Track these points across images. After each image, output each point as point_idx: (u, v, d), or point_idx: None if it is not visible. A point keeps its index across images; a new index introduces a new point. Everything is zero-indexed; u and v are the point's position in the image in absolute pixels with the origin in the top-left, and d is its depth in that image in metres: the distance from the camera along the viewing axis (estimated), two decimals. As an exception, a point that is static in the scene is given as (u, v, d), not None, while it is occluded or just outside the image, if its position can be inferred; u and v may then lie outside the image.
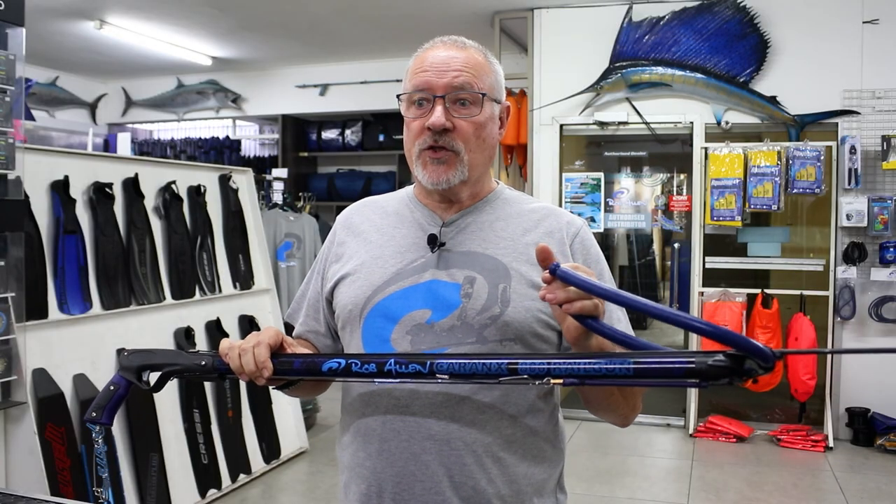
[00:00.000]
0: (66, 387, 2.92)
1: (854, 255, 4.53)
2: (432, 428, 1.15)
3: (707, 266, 4.84)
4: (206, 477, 3.53)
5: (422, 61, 1.21)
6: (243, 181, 4.31)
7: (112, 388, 1.17)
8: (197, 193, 3.84)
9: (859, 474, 4.06)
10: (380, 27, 5.72)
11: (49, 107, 7.13)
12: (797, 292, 4.67)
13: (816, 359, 4.51)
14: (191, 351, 1.20)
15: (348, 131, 7.27)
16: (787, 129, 4.77)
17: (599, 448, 4.49)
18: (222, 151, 7.57)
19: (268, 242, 4.64)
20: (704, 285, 4.85)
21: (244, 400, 3.88)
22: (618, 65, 4.93)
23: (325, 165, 7.67)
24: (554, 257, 0.99)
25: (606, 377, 0.97)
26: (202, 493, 3.51)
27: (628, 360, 0.95)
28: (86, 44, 6.18)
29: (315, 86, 7.04)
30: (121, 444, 3.11)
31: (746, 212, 4.65)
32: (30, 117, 5.93)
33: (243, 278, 4.12)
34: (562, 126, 5.15)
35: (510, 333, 1.16)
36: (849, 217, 4.47)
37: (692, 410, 4.78)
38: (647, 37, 4.89)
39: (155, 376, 1.18)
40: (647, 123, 4.98)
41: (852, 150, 4.47)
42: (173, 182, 3.66)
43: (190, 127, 8.06)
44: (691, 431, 4.72)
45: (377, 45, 6.28)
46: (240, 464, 3.77)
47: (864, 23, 4.55)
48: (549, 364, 0.99)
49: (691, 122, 4.91)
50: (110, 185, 3.28)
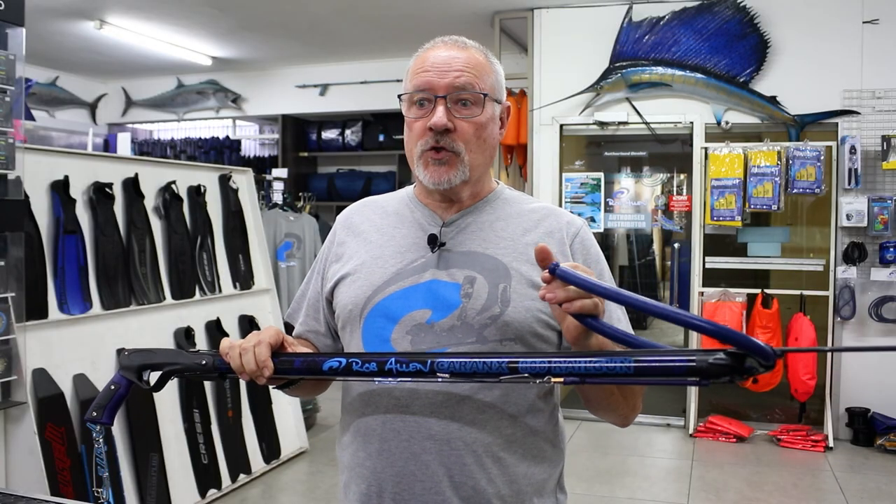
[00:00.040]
0: (66, 387, 2.92)
1: (854, 255, 4.53)
2: (432, 428, 1.15)
3: (707, 266, 4.84)
4: (206, 477, 3.53)
5: (423, 61, 1.21)
6: (243, 181, 4.31)
7: (113, 387, 1.17)
8: (197, 193, 3.84)
9: (859, 474, 4.06)
10: (380, 27, 5.72)
11: (49, 107, 7.13)
12: (797, 292, 4.67)
13: (816, 359, 4.51)
14: (191, 350, 1.20)
15: (348, 131, 7.27)
16: (787, 129, 4.77)
17: (599, 448, 4.49)
18: (222, 151, 7.56)
19: (268, 242, 4.64)
20: (704, 285, 4.85)
21: (244, 400, 3.88)
22: (618, 65, 4.93)
23: (325, 165, 7.67)
24: (553, 257, 0.99)
25: (607, 376, 0.97)
26: (202, 493, 3.51)
27: (629, 359, 0.95)
28: (86, 44, 6.18)
29: (315, 86, 7.04)
30: (121, 444, 3.11)
31: (746, 212, 4.65)
32: (30, 117, 5.93)
33: (243, 278, 4.12)
34: (562, 126, 5.15)
35: (510, 333, 1.16)
36: (849, 217, 4.47)
37: (692, 410, 4.77)
38: (647, 37, 4.89)
39: (155, 376, 1.18)
40: (647, 123, 4.98)
41: (852, 150, 4.47)
42: (173, 182, 3.66)
43: (190, 127, 8.06)
44: (691, 431, 4.72)
45: (377, 45, 6.28)
46: (240, 464, 3.77)
47: (864, 23, 4.55)
48: (549, 363, 0.99)
49: (691, 122, 4.91)
50: (110, 185, 3.28)
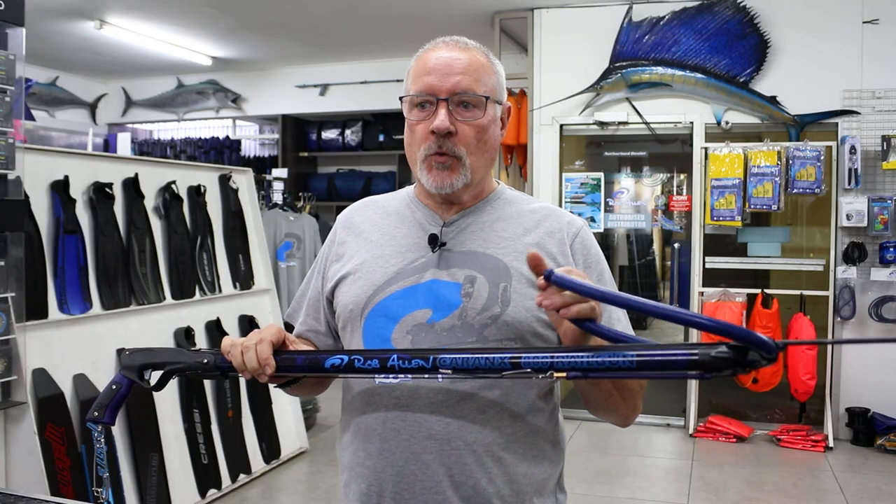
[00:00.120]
0: (66, 387, 2.92)
1: (854, 255, 4.53)
2: (433, 427, 1.15)
3: (707, 266, 4.85)
4: (206, 477, 3.53)
5: (424, 63, 1.21)
6: (243, 181, 4.31)
7: (114, 387, 1.17)
8: (197, 193, 3.84)
9: (859, 474, 4.06)
10: (380, 27, 5.72)
11: (49, 107, 7.13)
12: (797, 292, 4.67)
13: (816, 359, 4.51)
14: (192, 349, 1.20)
15: (348, 131, 7.27)
16: (787, 129, 4.77)
17: (599, 448, 4.49)
18: (222, 151, 7.56)
19: (268, 242, 4.64)
20: (704, 285, 4.85)
21: (244, 400, 3.88)
22: (618, 65, 4.93)
23: (325, 165, 7.67)
24: (545, 263, 1.00)
25: (609, 370, 0.97)
26: (202, 493, 3.51)
27: (631, 353, 0.96)
28: (86, 44, 6.18)
29: (315, 86, 7.04)
30: (121, 444, 3.11)
31: (746, 212, 4.65)
32: (30, 117, 5.93)
33: (243, 278, 4.12)
34: (562, 126, 5.15)
35: (510, 333, 1.16)
36: (849, 217, 4.47)
37: (692, 410, 4.78)
38: (647, 37, 4.89)
39: (157, 375, 1.18)
40: (647, 123, 4.98)
41: (852, 150, 4.47)
42: (173, 182, 3.66)
43: (190, 127, 8.06)
44: (691, 431, 4.72)
45: (377, 45, 6.28)
46: (240, 464, 3.77)
47: (864, 23, 4.55)
48: (552, 357, 0.99)
49: (691, 122, 4.91)
50: (110, 185, 3.28)
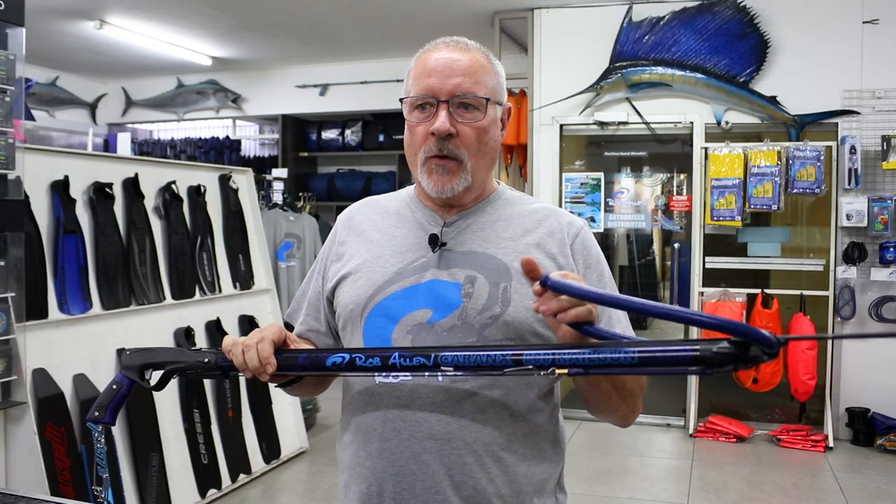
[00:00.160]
0: (66, 387, 2.92)
1: (854, 255, 4.53)
2: (433, 427, 1.15)
3: (707, 266, 4.84)
4: (206, 477, 3.53)
5: (424, 64, 1.21)
6: (243, 181, 4.31)
7: (115, 387, 1.17)
8: (197, 193, 3.84)
9: (859, 474, 4.06)
10: (380, 27, 5.72)
11: (49, 107, 7.13)
12: (797, 292, 4.67)
13: (816, 359, 4.51)
14: (193, 349, 1.20)
15: (348, 131, 7.27)
16: (787, 129, 4.77)
17: (599, 448, 4.49)
18: (222, 151, 7.56)
19: (268, 242, 4.64)
20: (704, 285, 4.85)
21: (244, 400, 3.88)
22: (618, 65, 4.93)
23: (325, 165, 7.67)
24: (540, 269, 1.00)
25: (611, 366, 0.97)
26: (202, 493, 3.51)
27: (633, 349, 0.96)
28: (86, 44, 6.18)
29: (315, 86, 7.04)
30: (121, 444, 3.11)
31: (746, 212, 4.65)
32: (30, 117, 5.93)
33: (243, 278, 4.12)
34: (562, 126, 5.15)
35: (511, 333, 1.16)
36: (849, 217, 4.47)
37: (692, 410, 4.78)
38: (647, 37, 4.89)
39: (157, 375, 1.19)
40: (647, 123, 4.98)
41: (852, 150, 4.47)
42: (173, 182, 3.66)
43: (190, 127, 8.06)
44: (691, 431, 4.72)
45: (377, 45, 6.28)
46: (240, 464, 3.77)
47: (864, 23, 4.55)
48: (553, 354, 0.99)
49: (691, 122, 4.91)
50: (110, 185, 3.28)
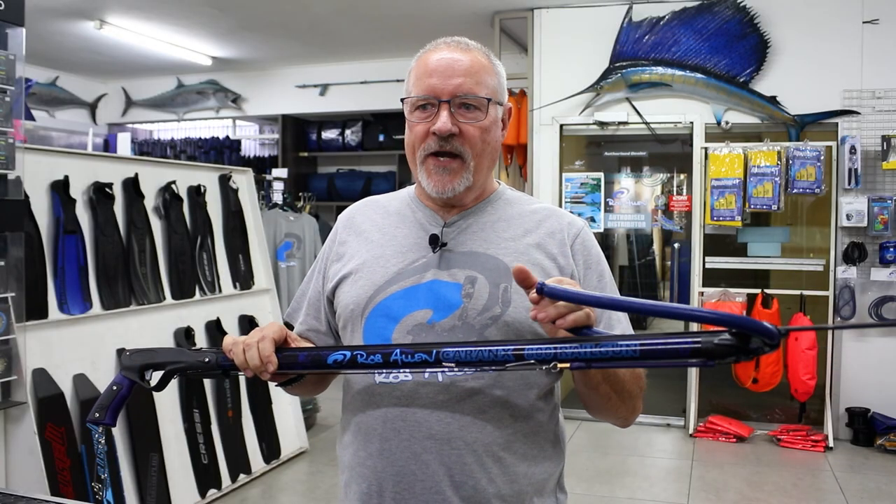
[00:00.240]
0: (66, 387, 2.92)
1: (854, 255, 4.53)
2: (433, 427, 1.15)
3: (707, 266, 4.84)
4: (206, 477, 3.53)
5: (425, 64, 1.21)
6: (243, 181, 4.31)
7: (115, 388, 1.17)
8: (197, 193, 3.84)
9: (859, 474, 4.06)
10: (380, 27, 5.72)
11: (49, 107, 7.13)
12: (797, 292, 4.67)
13: (816, 359, 4.51)
14: (193, 349, 1.20)
15: (348, 131, 7.27)
16: (787, 129, 4.77)
17: (599, 448, 4.49)
18: (222, 151, 7.56)
19: (268, 242, 4.63)
20: (704, 285, 4.85)
21: (244, 400, 3.88)
22: (618, 65, 4.93)
23: (325, 165, 7.67)
24: (533, 277, 0.99)
25: (613, 360, 0.97)
26: (202, 493, 3.51)
27: (634, 342, 0.96)
28: (86, 44, 6.18)
29: (315, 86, 7.04)
30: (121, 444, 3.11)
31: (746, 212, 4.65)
32: (30, 117, 5.93)
33: (243, 278, 4.12)
34: (562, 126, 5.15)
35: (511, 334, 1.16)
36: (849, 217, 4.47)
37: (692, 410, 4.77)
38: (647, 37, 4.89)
39: (158, 375, 1.18)
40: (647, 123, 4.98)
41: (852, 150, 4.47)
42: (173, 182, 3.66)
43: (190, 127, 8.06)
44: (691, 431, 4.72)
45: (377, 45, 6.28)
46: (240, 464, 3.77)
47: (864, 23, 4.55)
48: (555, 349, 0.99)
49: (691, 122, 4.91)
50: (110, 185, 3.28)
